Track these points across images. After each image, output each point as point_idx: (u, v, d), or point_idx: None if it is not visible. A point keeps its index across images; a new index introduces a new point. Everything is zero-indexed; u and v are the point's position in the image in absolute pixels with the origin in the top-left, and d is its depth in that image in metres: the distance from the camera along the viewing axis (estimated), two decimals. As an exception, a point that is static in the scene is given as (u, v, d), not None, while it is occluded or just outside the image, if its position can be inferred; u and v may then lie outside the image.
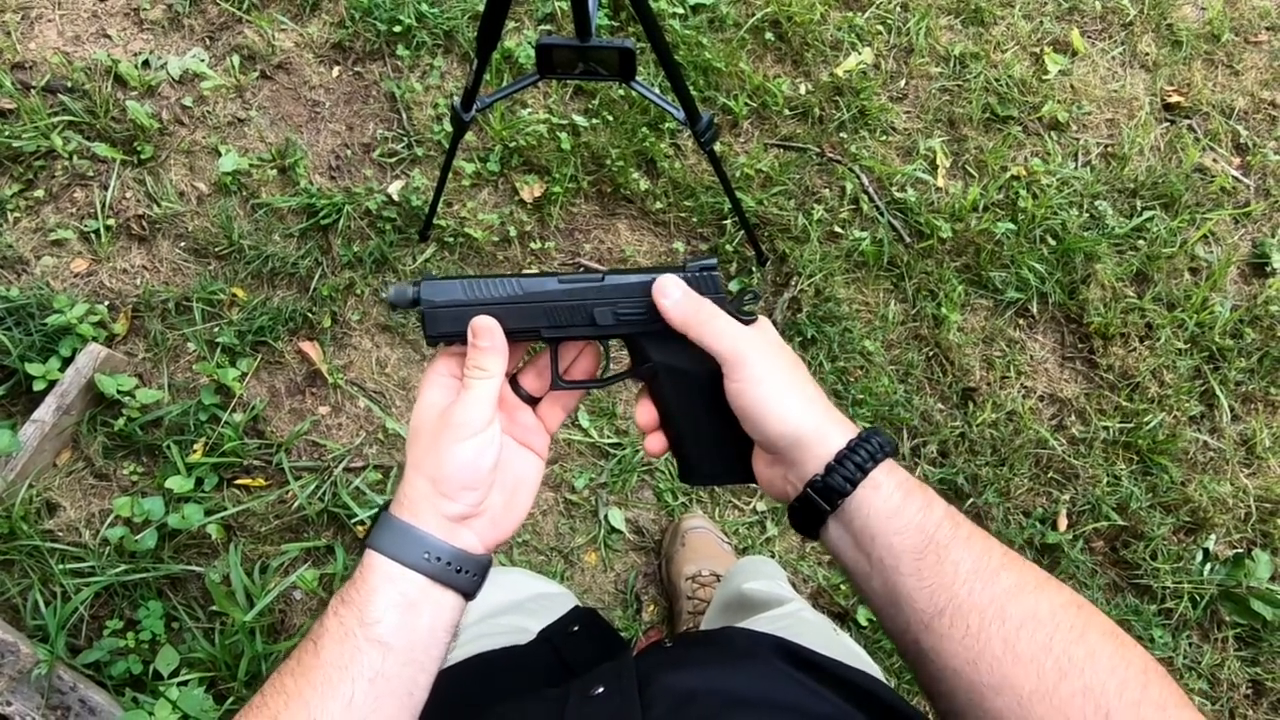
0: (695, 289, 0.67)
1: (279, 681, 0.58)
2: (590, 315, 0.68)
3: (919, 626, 0.57)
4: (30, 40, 2.17)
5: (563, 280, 0.67)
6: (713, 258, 0.68)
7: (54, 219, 2.02)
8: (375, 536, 0.61)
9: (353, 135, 2.16)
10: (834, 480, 0.59)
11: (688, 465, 0.71)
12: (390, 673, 0.58)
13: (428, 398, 0.65)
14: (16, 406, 1.87)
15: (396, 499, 0.63)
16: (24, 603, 1.71)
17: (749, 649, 0.74)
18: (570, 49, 1.41)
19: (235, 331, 1.94)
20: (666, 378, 0.69)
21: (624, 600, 1.89)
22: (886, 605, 0.59)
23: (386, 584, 0.59)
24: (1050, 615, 0.55)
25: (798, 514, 0.63)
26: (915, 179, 2.20)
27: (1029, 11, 2.42)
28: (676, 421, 0.70)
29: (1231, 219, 2.25)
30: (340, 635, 0.58)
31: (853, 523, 0.60)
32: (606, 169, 2.12)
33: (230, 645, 1.68)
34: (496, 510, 0.66)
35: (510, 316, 0.66)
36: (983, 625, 0.55)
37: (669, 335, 0.67)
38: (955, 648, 0.55)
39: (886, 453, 0.60)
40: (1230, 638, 1.91)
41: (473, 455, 0.62)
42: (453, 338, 0.67)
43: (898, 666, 1.85)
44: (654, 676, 0.64)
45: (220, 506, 1.81)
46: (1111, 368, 2.07)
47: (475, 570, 0.63)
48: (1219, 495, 1.98)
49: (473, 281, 0.67)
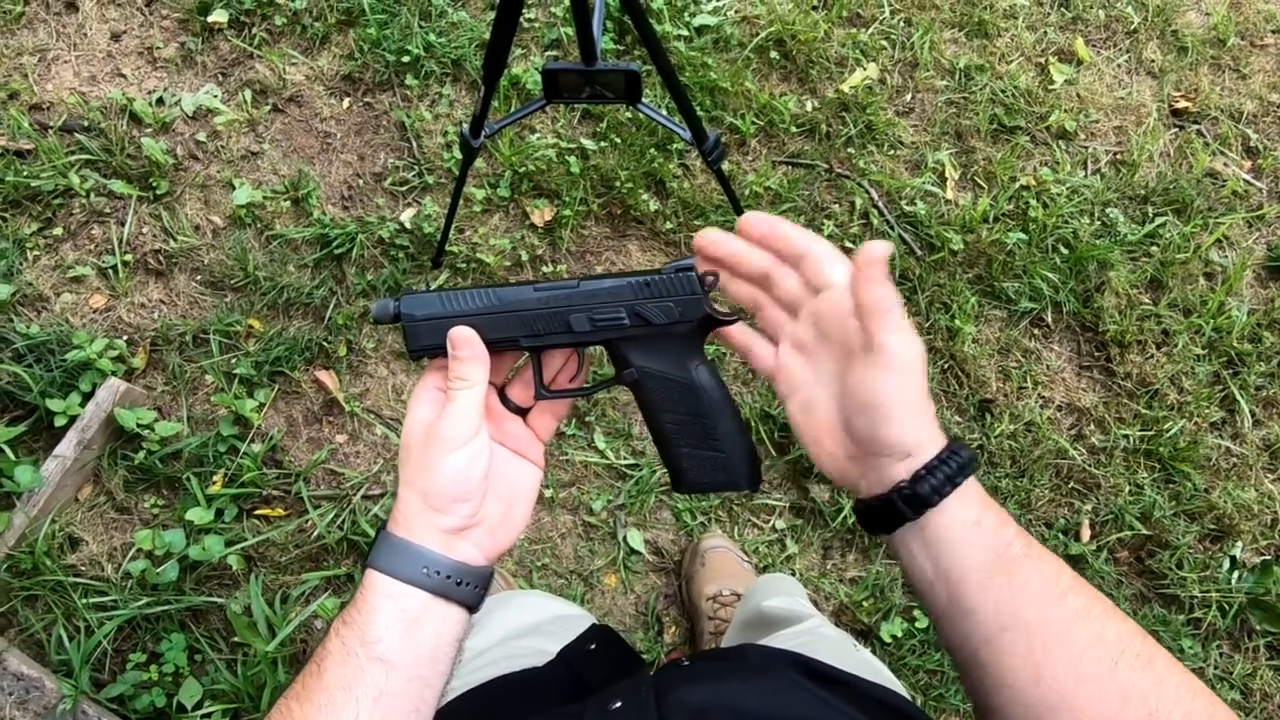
0: (673, 291, 0.67)
1: (284, 706, 0.58)
2: (567, 323, 0.67)
3: (981, 640, 0.57)
4: (47, 81, 2.21)
5: (538, 289, 0.67)
6: (690, 258, 0.68)
7: (72, 256, 2.05)
8: (373, 555, 0.62)
9: (364, 165, 2.19)
10: (922, 489, 0.58)
11: (675, 472, 0.71)
12: (395, 690, 0.58)
13: (415, 414, 0.65)
14: (39, 442, 1.88)
15: (393, 517, 0.63)
16: (48, 638, 1.72)
17: (764, 664, 0.74)
18: (576, 73, 1.43)
19: (252, 362, 1.95)
20: (648, 383, 0.68)
21: (645, 622, 1.88)
22: (948, 615, 0.59)
23: (387, 601, 0.59)
24: (1116, 641, 0.55)
25: (874, 513, 0.61)
26: (925, 192, 2.20)
27: (1032, 22, 2.42)
28: (661, 427, 0.69)
29: (1245, 223, 2.24)
30: (342, 656, 0.58)
31: (926, 529, 0.59)
32: (616, 191, 2.13)
33: (253, 676, 1.68)
34: (494, 520, 0.66)
35: (489, 327, 0.66)
36: (1048, 645, 0.55)
37: (648, 340, 0.67)
38: (1017, 664, 0.55)
39: (972, 468, 0.59)
40: (1261, 646, 1.88)
41: (462, 466, 0.62)
42: (435, 350, 0.67)
43: (923, 683, 1.83)
44: (670, 692, 0.64)
45: (240, 537, 1.81)
46: (1129, 375, 2.06)
47: (476, 582, 0.63)
48: (1244, 502, 1.96)
49: (450, 294, 0.67)
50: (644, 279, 0.67)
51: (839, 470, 0.63)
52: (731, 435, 0.69)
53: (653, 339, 0.67)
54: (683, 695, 0.63)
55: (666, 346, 0.67)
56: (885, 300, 0.57)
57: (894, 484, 0.59)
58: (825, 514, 1.92)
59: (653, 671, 0.75)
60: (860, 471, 0.61)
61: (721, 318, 0.67)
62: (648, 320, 0.67)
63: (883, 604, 1.87)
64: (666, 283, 0.67)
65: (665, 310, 0.67)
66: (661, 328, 0.67)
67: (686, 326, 0.67)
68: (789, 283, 0.64)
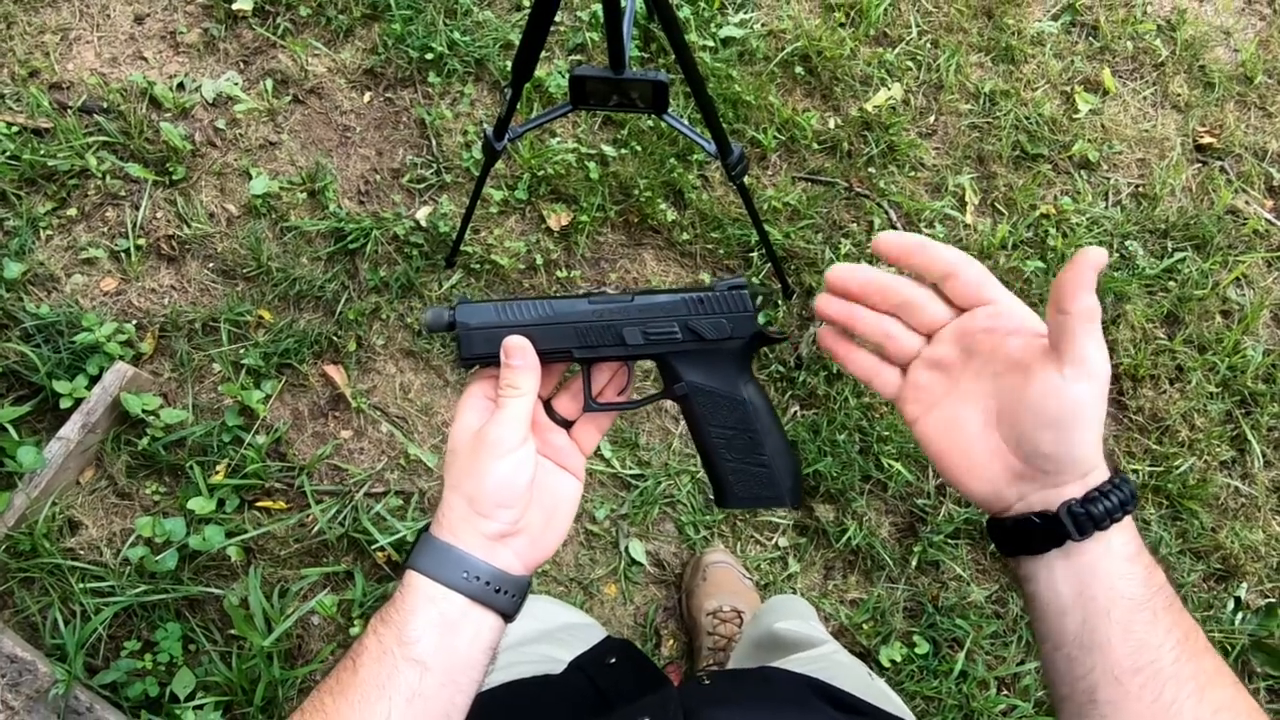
0: (725, 308, 0.68)
1: (318, 700, 0.58)
2: (620, 335, 0.68)
3: (1107, 677, 0.56)
4: (68, 61, 2.20)
5: (593, 301, 0.69)
6: (741, 276, 0.69)
7: (85, 237, 2.04)
8: (415, 557, 0.62)
9: (382, 160, 2.18)
10: (1096, 510, 0.56)
11: (720, 487, 0.72)
12: (428, 693, 0.58)
13: (464, 420, 0.66)
14: (43, 423, 1.87)
15: (436, 520, 0.63)
16: (43, 621, 1.70)
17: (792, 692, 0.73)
18: (604, 81, 1.42)
19: (261, 353, 1.94)
20: (698, 398, 0.70)
21: (643, 634, 1.87)
22: (1076, 647, 0.57)
23: (426, 604, 0.60)
24: (1247, 712, 0.54)
25: (1025, 533, 0.59)
26: (944, 215, 2.19)
27: (1060, 50, 2.41)
28: (708, 442, 0.70)
29: (1264, 262, 2.22)
30: (378, 654, 0.58)
31: (1079, 555, 0.57)
32: (634, 199, 2.12)
33: (247, 670, 1.67)
34: (535, 529, 0.66)
35: (542, 337, 0.67)
36: (1178, 697, 0.53)
37: (700, 355, 0.69)
38: (1142, 710, 0.54)
39: (1136, 501, 0.58)
40: (1262, 689, 1.87)
41: (509, 473, 0.62)
42: (486, 359, 0.68)
43: (919, 709, 1.81)
44: (699, 713, 0.63)
45: (241, 529, 1.80)
46: (1141, 410, 2.05)
47: (515, 591, 0.63)
48: (1251, 543, 1.94)
49: (505, 304, 0.68)
50: (698, 295, 0.69)
51: (991, 488, 0.61)
52: (777, 452, 0.70)
53: (703, 354, 0.69)
54: (713, 717, 0.63)
55: (717, 362, 0.69)
56: (1094, 311, 0.55)
57: (1063, 501, 0.57)
58: (829, 534, 1.91)
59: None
60: (1020, 491, 0.60)
61: (772, 336, 0.69)
62: (700, 335, 0.68)
63: (883, 627, 1.86)
64: (719, 300, 0.68)
65: (717, 326, 0.68)
66: (713, 344, 0.69)
67: (737, 343, 0.69)
68: (933, 308, 0.63)
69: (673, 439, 1.99)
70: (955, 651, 1.85)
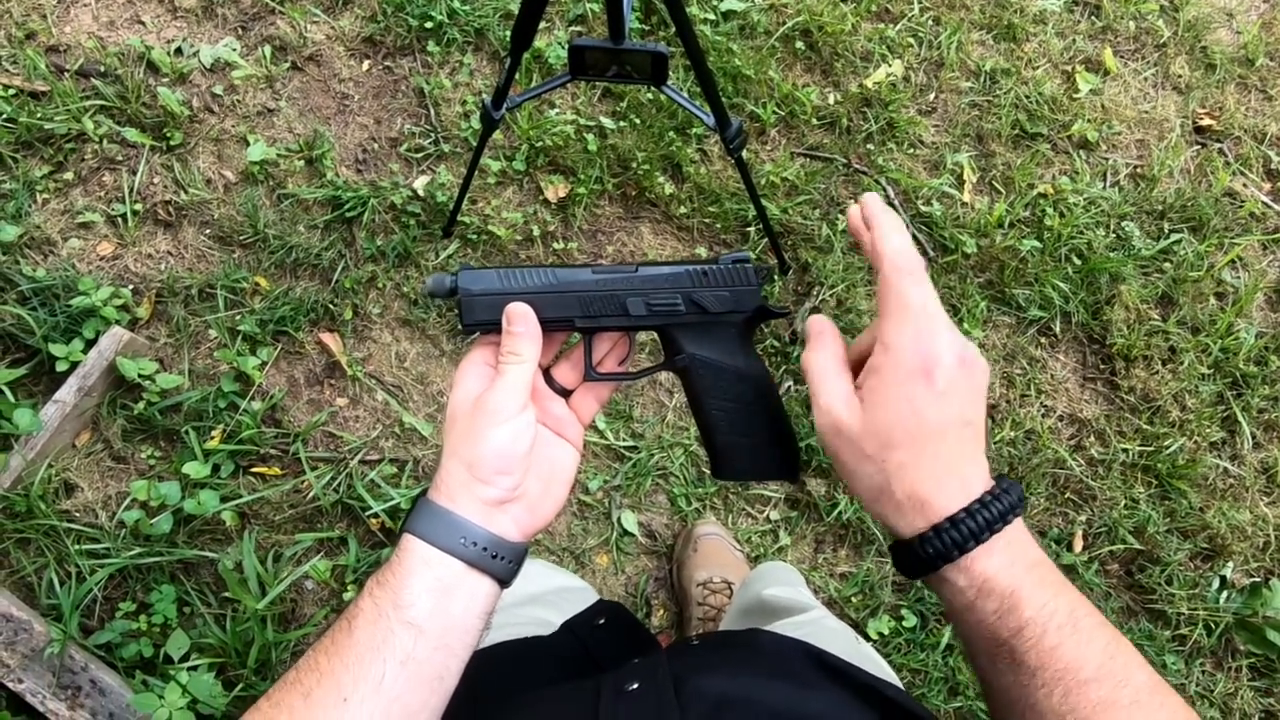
0: (729, 281, 0.68)
1: (313, 659, 0.58)
2: (623, 306, 0.68)
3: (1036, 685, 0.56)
4: (66, 24, 2.19)
5: (596, 271, 0.68)
6: (745, 251, 0.69)
7: (82, 201, 2.03)
8: (412, 521, 0.62)
9: (380, 129, 2.17)
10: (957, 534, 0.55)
11: (719, 460, 0.72)
12: (421, 656, 0.58)
13: (464, 386, 0.66)
14: (39, 386, 1.88)
15: (434, 484, 0.64)
16: (39, 581, 1.72)
17: (780, 657, 0.74)
18: (604, 51, 1.41)
19: (257, 320, 1.95)
20: (699, 370, 0.69)
21: (634, 604, 1.88)
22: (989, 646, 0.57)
23: (422, 568, 0.60)
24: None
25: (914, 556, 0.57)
26: (941, 193, 2.19)
27: (1062, 29, 2.40)
28: (708, 414, 0.70)
29: (1260, 245, 2.23)
30: (374, 616, 0.58)
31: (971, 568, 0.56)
32: (632, 172, 2.12)
33: (241, 632, 1.69)
34: (533, 497, 0.66)
35: (545, 305, 0.67)
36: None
37: (702, 327, 0.68)
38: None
39: (1019, 510, 0.56)
40: (1244, 667, 1.89)
41: (508, 439, 0.62)
42: (488, 325, 0.68)
43: (906, 681, 1.83)
44: (687, 678, 0.64)
45: (236, 494, 1.81)
46: (1133, 390, 2.06)
47: (511, 557, 0.63)
48: (1238, 523, 1.96)
49: (509, 271, 0.68)
50: (701, 268, 0.68)
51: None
52: (776, 425, 0.70)
53: (706, 327, 0.69)
54: (701, 683, 0.63)
55: (719, 335, 0.68)
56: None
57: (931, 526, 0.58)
58: (820, 508, 1.92)
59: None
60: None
61: (775, 310, 0.68)
62: (703, 308, 0.68)
63: (871, 601, 1.88)
64: (723, 273, 0.68)
65: (720, 299, 0.68)
66: (716, 316, 0.69)
67: (740, 316, 0.69)
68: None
69: (667, 411, 2.00)
70: (942, 625, 1.87)
